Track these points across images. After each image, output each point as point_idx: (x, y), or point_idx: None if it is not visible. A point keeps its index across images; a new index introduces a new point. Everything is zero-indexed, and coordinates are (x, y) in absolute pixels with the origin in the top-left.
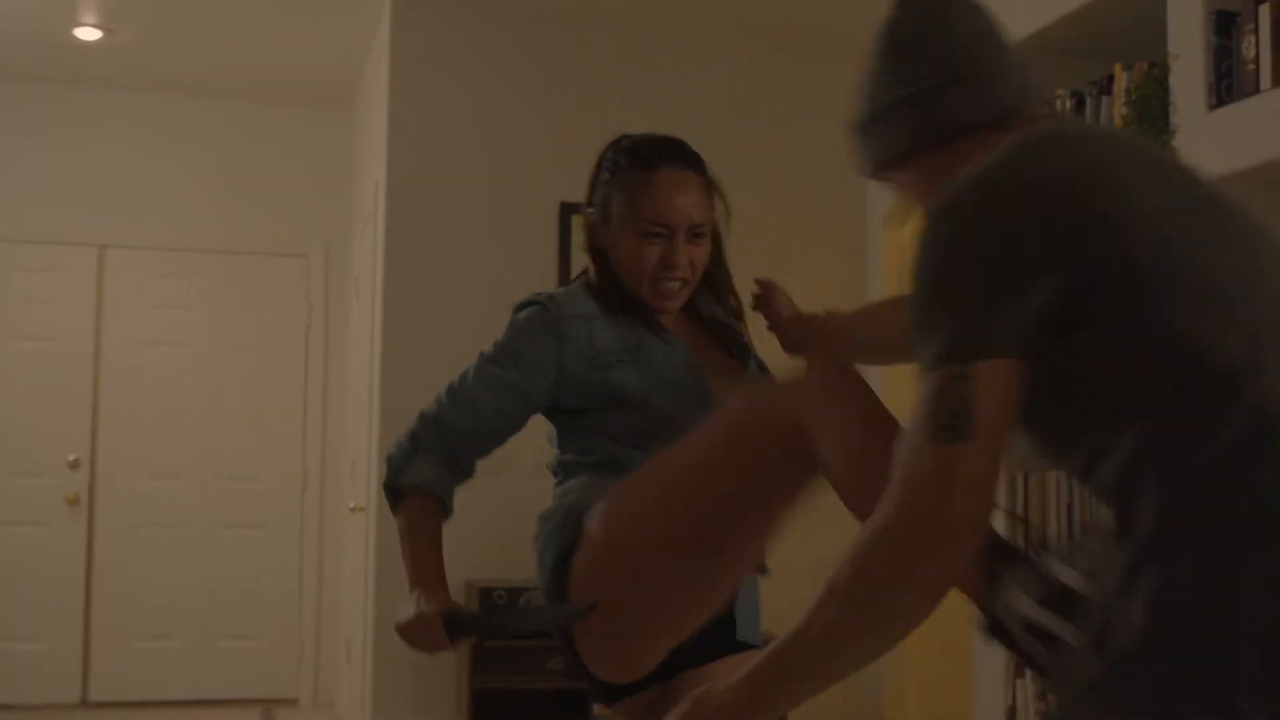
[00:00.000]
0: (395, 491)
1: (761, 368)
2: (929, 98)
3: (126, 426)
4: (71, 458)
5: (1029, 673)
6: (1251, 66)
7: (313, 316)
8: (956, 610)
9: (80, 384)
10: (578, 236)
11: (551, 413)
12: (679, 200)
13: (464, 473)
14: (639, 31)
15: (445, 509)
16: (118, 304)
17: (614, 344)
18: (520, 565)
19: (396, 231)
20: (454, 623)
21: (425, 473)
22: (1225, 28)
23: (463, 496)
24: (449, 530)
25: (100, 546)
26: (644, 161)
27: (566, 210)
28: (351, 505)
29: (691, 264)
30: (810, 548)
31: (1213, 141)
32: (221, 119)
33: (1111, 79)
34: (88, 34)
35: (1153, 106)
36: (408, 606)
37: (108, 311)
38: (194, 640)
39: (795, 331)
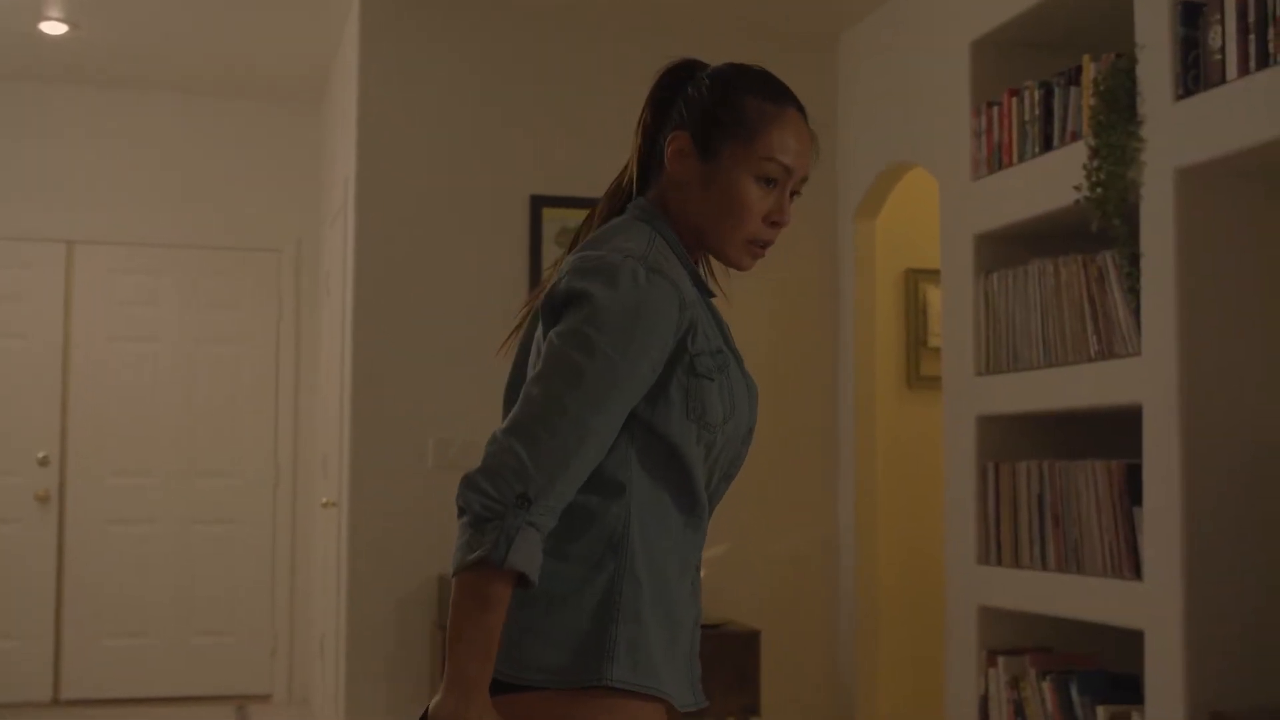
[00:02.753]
0: (498, 562)
1: None
2: None
3: (96, 423)
4: (41, 455)
5: (1000, 660)
6: (1218, 57)
7: (284, 312)
8: (928, 599)
9: (49, 381)
10: (549, 229)
11: None
12: (804, 147)
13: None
14: (611, 25)
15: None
16: (87, 300)
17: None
18: None
19: (367, 226)
20: None
21: (537, 557)
22: (1192, 18)
23: (443, 488)
24: (425, 522)
25: (71, 544)
26: (776, 95)
27: (537, 203)
28: (323, 500)
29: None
30: (788, 541)
31: (1180, 132)
32: (190, 113)
33: (1079, 70)
34: (54, 28)
35: (1120, 97)
36: (459, 706)
37: (77, 308)
38: (167, 637)
39: None
